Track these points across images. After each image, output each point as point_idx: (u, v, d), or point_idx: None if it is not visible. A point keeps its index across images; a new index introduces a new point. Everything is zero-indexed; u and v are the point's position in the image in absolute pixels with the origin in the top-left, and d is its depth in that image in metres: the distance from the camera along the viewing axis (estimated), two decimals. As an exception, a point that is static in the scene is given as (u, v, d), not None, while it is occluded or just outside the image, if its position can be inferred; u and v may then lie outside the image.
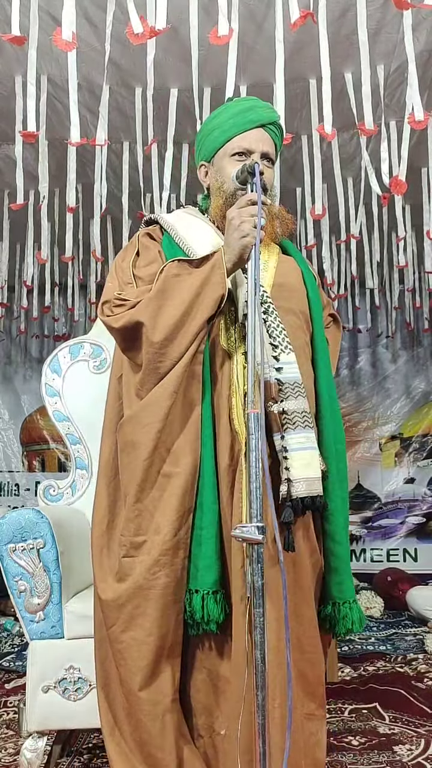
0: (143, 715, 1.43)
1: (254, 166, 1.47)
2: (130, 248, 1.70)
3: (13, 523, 1.91)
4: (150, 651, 1.43)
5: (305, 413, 1.53)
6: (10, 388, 5.69)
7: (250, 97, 1.92)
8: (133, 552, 1.47)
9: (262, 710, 1.28)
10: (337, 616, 1.56)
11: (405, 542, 5.24)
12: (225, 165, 1.67)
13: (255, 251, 1.44)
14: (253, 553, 1.31)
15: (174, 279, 1.52)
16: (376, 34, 2.52)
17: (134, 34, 2.03)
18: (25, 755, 1.86)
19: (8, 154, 3.10)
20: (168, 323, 1.47)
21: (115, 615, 1.47)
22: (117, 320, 1.52)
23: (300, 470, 1.48)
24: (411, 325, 4.87)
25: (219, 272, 1.50)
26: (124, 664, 1.46)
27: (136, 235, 1.73)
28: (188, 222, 1.73)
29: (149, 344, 1.48)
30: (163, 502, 1.46)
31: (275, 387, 1.52)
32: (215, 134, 1.70)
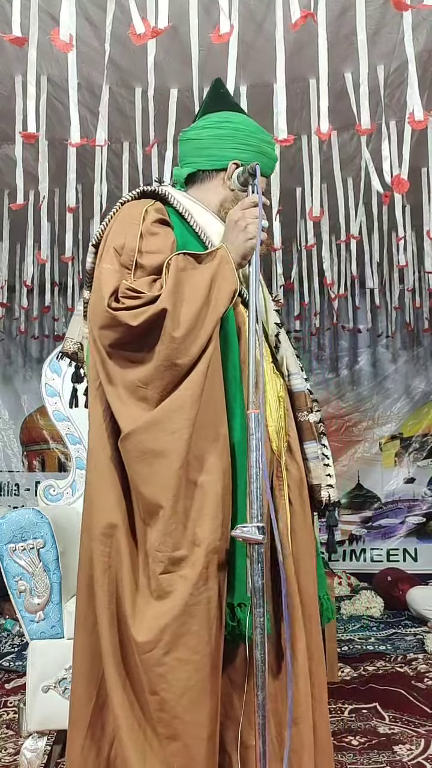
0: (190, 738, 1.32)
1: (255, 168, 1.48)
2: (132, 226, 1.51)
3: (13, 523, 1.91)
4: (196, 670, 1.33)
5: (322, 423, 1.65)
6: (10, 388, 5.69)
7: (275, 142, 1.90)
8: (172, 567, 1.36)
9: (261, 710, 1.28)
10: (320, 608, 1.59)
11: (405, 542, 5.24)
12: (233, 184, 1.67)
13: (256, 253, 1.44)
14: (253, 553, 1.31)
15: (183, 273, 1.44)
16: (375, 34, 2.52)
17: (136, 34, 2.03)
18: (25, 755, 1.86)
19: (8, 154, 3.10)
20: (187, 318, 1.39)
21: (155, 637, 1.33)
22: (135, 316, 1.37)
23: (335, 477, 1.59)
24: (411, 325, 4.87)
25: (228, 267, 1.46)
26: (167, 687, 1.32)
27: (139, 210, 1.55)
28: (200, 211, 1.65)
29: (170, 340, 1.37)
30: (197, 512, 1.37)
31: (308, 397, 1.62)
32: (262, 159, 1.67)
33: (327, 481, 1.59)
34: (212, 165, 1.69)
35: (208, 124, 1.70)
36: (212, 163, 1.69)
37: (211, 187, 1.70)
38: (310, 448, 1.60)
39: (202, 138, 1.70)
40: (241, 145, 1.68)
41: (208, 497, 1.37)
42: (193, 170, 1.71)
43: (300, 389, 1.63)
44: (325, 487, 1.59)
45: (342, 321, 5.20)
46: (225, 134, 1.68)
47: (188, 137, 1.73)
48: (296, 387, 1.63)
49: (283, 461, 1.54)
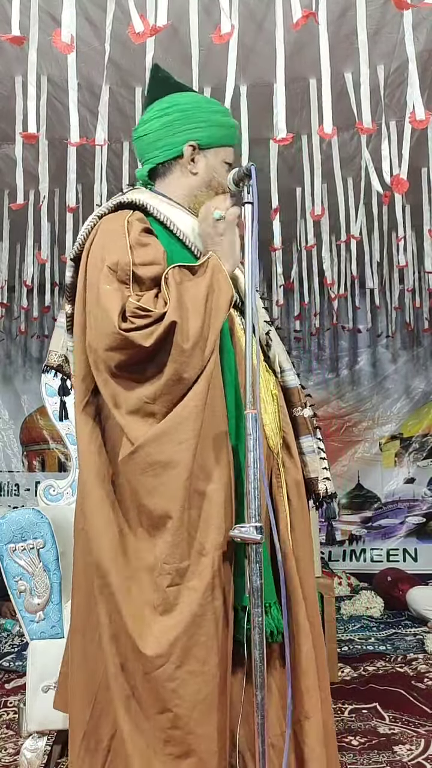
0: (204, 753, 1.31)
1: (250, 168, 1.47)
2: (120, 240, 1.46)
3: (13, 523, 1.91)
4: (205, 682, 1.32)
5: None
6: (10, 388, 5.69)
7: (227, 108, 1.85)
8: (179, 579, 1.34)
9: (261, 710, 1.28)
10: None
11: (405, 542, 5.24)
12: (219, 168, 1.64)
13: (249, 255, 1.44)
14: (252, 553, 1.31)
15: (182, 287, 1.42)
16: (376, 34, 2.52)
17: (135, 32, 2.03)
18: (25, 755, 1.86)
19: (8, 154, 3.10)
20: (194, 331, 1.37)
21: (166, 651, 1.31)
22: (147, 336, 1.34)
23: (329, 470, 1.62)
24: (411, 325, 4.87)
25: (222, 276, 1.45)
26: (179, 703, 1.30)
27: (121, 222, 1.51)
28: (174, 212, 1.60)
29: (180, 353, 1.35)
30: (204, 522, 1.37)
31: (301, 392, 1.63)
32: (220, 130, 1.65)
33: (324, 474, 1.62)
34: (168, 155, 1.64)
35: (154, 114, 1.65)
36: (167, 153, 1.64)
37: (174, 179, 1.65)
38: (305, 442, 1.62)
39: (152, 131, 1.64)
40: (192, 124, 1.62)
41: (213, 506, 1.37)
42: (152, 166, 1.66)
43: (293, 385, 1.64)
44: (322, 480, 1.61)
45: (342, 321, 5.19)
46: (173, 119, 1.62)
47: (139, 134, 1.68)
48: (290, 383, 1.65)
49: (280, 459, 1.55)
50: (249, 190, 1.48)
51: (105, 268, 1.42)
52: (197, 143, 1.62)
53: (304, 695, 1.42)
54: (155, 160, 1.65)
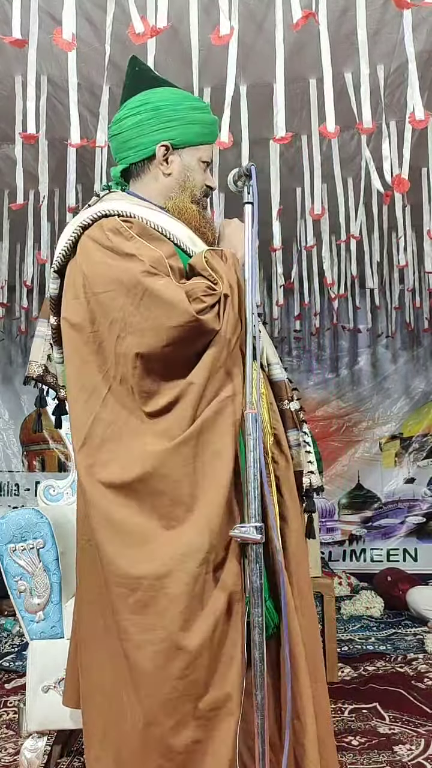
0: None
1: (250, 169, 1.47)
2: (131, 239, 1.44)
3: (13, 523, 1.91)
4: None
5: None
6: (10, 388, 5.69)
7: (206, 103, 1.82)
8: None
9: (261, 710, 1.28)
10: None
11: (405, 542, 5.24)
12: (195, 168, 1.62)
13: (248, 254, 1.44)
14: (252, 553, 1.31)
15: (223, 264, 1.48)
16: (376, 34, 2.52)
17: (135, 33, 2.03)
18: (25, 755, 1.86)
19: (8, 154, 3.10)
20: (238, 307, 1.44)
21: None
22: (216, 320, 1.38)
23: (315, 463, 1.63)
24: (411, 325, 4.87)
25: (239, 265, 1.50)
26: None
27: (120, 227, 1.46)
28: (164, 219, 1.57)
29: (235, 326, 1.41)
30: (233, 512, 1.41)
31: (288, 386, 1.63)
32: (195, 128, 1.62)
33: (308, 468, 1.64)
34: (141, 155, 1.61)
35: (127, 113, 1.61)
36: (140, 153, 1.60)
37: (148, 180, 1.62)
38: (291, 435, 1.64)
39: (124, 130, 1.61)
40: (165, 123, 1.58)
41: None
42: (125, 165, 1.63)
43: (280, 378, 1.65)
44: (306, 474, 1.64)
45: (342, 321, 5.19)
46: (144, 118, 1.58)
47: (112, 132, 1.65)
48: (277, 377, 1.65)
49: (269, 456, 1.54)
50: (249, 190, 1.48)
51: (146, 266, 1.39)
52: (170, 143, 1.59)
53: (295, 696, 1.41)
54: (128, 160, 1.63)
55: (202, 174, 1.63)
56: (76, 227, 1.52)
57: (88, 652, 1.47)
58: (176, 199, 1.60)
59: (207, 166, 1.64)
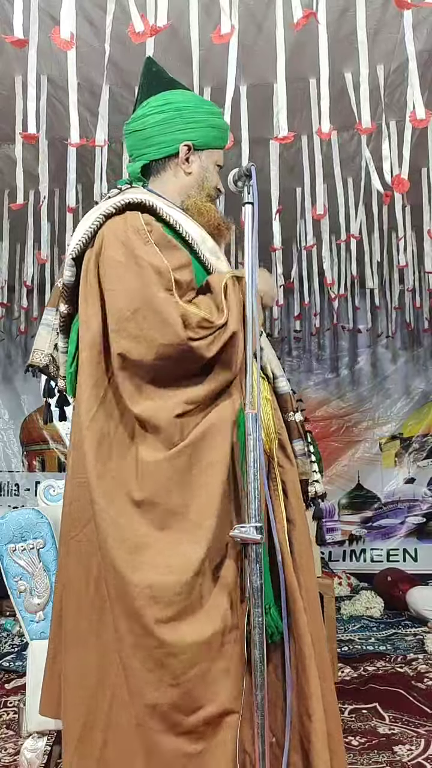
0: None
1: (250, 169, 1.47)
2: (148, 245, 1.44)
3: (13, 523, 1.91)
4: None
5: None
6: (10, 388, 5.69)
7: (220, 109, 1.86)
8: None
9: (261, 710, 1.28)
10: None
11: (405, 542, 5.24)
12: (211, 170, 1.67)
13: (252, 252, 1.44)
14: (252, 553, 1.31)
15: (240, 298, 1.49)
16: (376, 34, 2.52)
17: (135, 32, 2.03)
18: (25, 755, 1.86)
19: (8, 154, 3.10)
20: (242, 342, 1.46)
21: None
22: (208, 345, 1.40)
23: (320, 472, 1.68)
24: (411, 325, 4.87)
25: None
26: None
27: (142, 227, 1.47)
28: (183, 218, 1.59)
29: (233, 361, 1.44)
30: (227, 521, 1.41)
31: (293, 398, 1.69)
32: (214, 132, 1.67)
33: (313, 477, 1.72)
34: (163, 152, 1.64)
35: (149, 110, 1.64)
36: (163, 151, 1.64)
37: (168, 177, 1.66)
38: (297, 445, 1.67)
39: (147, 127, 1.64)
40: (188, 123, 1.63)
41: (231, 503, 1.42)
42: (145, 162, 1.66)
43: (285, 391, 1.69)
44: (312, 483, 1.70)
45: (342, 321, 5.19)
46: (169, 117, 1.62)
47: (132, 129, 1.68)
48: (282, 389, 1.69)
49: (275, 461, 1.56)
50: (249, 190, 1.48)
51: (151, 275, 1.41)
52: (192, 143, 1.63)
53: (305, 695, 1.42)
54: (149, 157, 1.65)
55: (215, 176, 1.68)
56: (99, 215, 1.52)
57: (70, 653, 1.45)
58: (195, 198, 1.64)
59: (219, 170, 1.69)
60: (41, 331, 1.84)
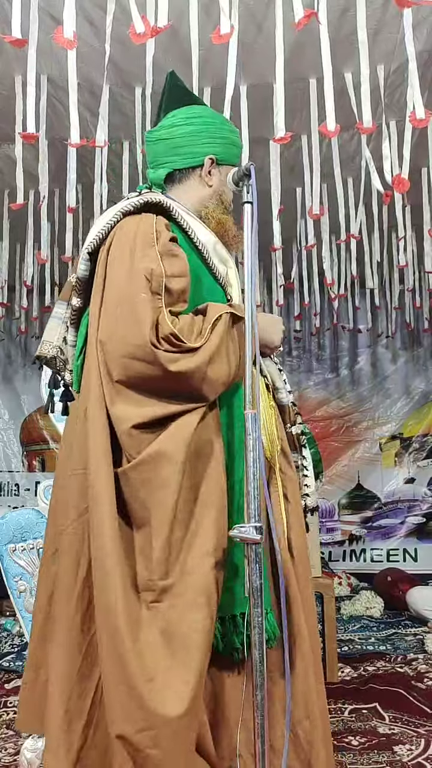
0: None
1: (250, 168, 1.47)
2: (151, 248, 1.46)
3: (13, 523, 1.91)
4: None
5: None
6: (10, 388, 5.69)
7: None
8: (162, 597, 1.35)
9: (261, 710, 1.28)
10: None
11: (405, 542, 5.24)
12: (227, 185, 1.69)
13: (251, 252, 1.44)
14: (252, 553, 1.31)
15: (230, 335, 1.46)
16: (376, 34, 2.52)
17: (136, 33, 2.03)
18: (25, 755, 1.86)
19: (8, 154, 3.10)
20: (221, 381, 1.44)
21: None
22: (172, 361, 1.36)
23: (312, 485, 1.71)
24: (411, 325, 4.87)
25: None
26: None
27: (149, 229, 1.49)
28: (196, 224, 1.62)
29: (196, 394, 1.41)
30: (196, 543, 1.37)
31: (292, 410, 1.71)
32: (234, 150, 1.75)
33: (305, 490, 1.70)
34: (188, 163, 1.69)
35: (178, 121, 1.69)
36: (188, 161, 1.69)
37: (189, 186, 1.70)
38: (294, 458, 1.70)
39: (175, 136, 1.68)
40: (214, 138, 1.69)
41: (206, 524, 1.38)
42: (169, 170, 1.69)
43: (285, 403, 1.71)
44: (302, 495, 1.69)
45: (342, 321, 5.19)
46: (197, 130, 1.68)
47: (159, 137, 1.71)
48: (281, 401, 1.71)
49: (277, 466, 1.58)
50: (248, 189, 1.48)
51: (141, 275, 1.42)
52: (216, 157, 1.69)
53: (305, 696, 1.42)
54: (173, 165, 1.69)
55: (230, 192, 1.71)
56: (117, 212, 1.55)
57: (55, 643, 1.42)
58: (214, 210, 1.69)
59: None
60: (51, 323, 1.85)
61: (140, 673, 1.27)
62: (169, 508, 1.35)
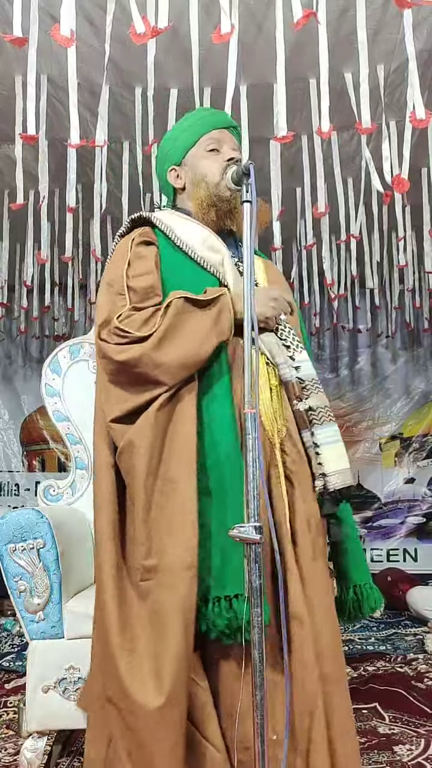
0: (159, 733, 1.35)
1: (249, 167, 1.47)
2: (121, 258, 1.63)
3: (13, 523, 1.91)
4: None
5: (327, 407, 1.62)
6: (10, 388, 5.69)
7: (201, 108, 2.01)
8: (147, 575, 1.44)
9: (260, 710, 1.28)
10: (360, 598, 1.64)
11: (405, 542, 5.24)
12: (200, 160, 1.74)
13: (251, 252, 1.44)
14: (252, 553, 1.31)
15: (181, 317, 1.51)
16: (376, 34, 2.52)
17: (136, 33, 2.03)
18: (25, 755, 1.86)
19: (8, 154, 3.10)
20: (174, 363, 1.48)
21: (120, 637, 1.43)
22: (118, 352, 1.48)
23: (334, 463, 1.57)
24: (411, 325, 4.87)
25: (226, 317, 1.54)
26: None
27: (127, 242, 1.67)
28: (181, 223, 1.71)
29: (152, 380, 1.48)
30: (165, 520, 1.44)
31: (298, 386, 1.61)
32: (183, 137, 1.78)
33: (319, 470, 1.57)
34: (167, 188, 1.84)
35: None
36: (165, 188, 1.86)
37: (180, 199, 1.81)
38: (304, 436, 1.61)
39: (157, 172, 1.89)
40: (167, 152, 1.80)
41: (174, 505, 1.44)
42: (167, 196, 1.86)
43: (287, 379, 1.63)
44: (318, 476, 1.58)
45: (342, 321, 5.19)
46: (159, 157, 1.86)
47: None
48: (284, 377, 1.63)
49: (277, 447, 1.56)
50: (248, 189, 1.47)
51: (104, 284, 1.62)
52: (174, 164, 1.79)
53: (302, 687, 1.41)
54: (167, 193, 1.86)
55: (213, 157, 1.73)
56: (117, 237, 1.77)
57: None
58: (194, 197, 1.74)
59: (217, 150, 1.73)
60: None
61: (120, 649, 1.39)
62: (141, 490, 1.45)
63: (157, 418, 1.47)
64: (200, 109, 1.91)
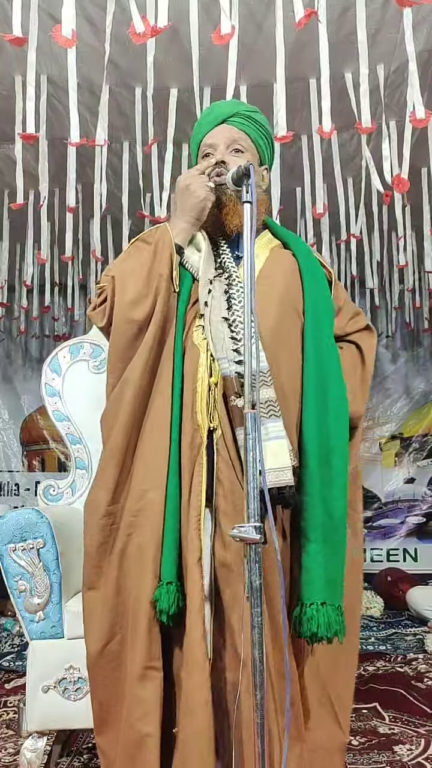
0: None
1: (249, 167, 1.46)
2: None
3: (13, 523, 1.91)
4: None
5: (270, 402, 1.48)
6: (10, 388, 5.69)
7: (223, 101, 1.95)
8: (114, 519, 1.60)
9: (260, 710, 1.28)
10: (301, 618, 1.44)
11: (405, 542, 5.24)
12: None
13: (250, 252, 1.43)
14: (251, 553, 1.31)
15: (129, 259, 1.67)
16: (376, 34, 2.52)
17: (136, 33, 2.03)
18: (25, 755, 1.86)
19: (8, 154, 3.10)
20: (133, 290, 1.59)
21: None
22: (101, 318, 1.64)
23: (270, 461, 1.43)
24: (411, 325, 4.87)
25: (166, 251, 1.61)
26: None
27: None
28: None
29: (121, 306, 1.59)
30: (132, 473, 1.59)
31: (237, 381, 1.49)
32: (193, 144, 1.80)
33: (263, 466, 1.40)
34: None
35: None
36: None
37: None
38: (239, 434, 1.49)
39: None
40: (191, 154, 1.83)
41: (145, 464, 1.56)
42: None
43: (226, 374, 1.52)
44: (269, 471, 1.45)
45: (342, 321, 5.18)
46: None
47: None
48: (223, 372, 1.53)
49: (204, 445, 1.51)
50: (247, 189, 1.47)
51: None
52: None
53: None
54: None
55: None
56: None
57: None
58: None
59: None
60: None
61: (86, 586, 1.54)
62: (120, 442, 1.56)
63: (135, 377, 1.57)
64: (207, 109, 1.87)
